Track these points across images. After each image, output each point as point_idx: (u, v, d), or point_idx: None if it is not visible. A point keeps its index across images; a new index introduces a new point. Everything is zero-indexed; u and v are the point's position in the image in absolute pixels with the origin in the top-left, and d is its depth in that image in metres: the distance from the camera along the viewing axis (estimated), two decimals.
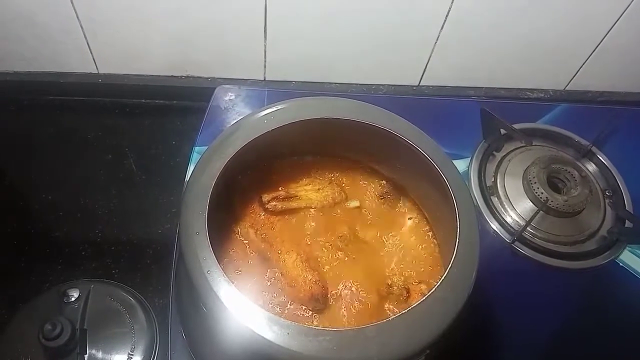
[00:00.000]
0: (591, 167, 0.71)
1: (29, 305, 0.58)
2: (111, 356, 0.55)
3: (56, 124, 0.78)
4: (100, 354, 0.55)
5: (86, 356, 0.54)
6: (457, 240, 0.41)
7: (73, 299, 0.58)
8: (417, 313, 0.37)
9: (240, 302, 0.35)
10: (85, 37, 0.72)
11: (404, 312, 0.37)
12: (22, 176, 0.73)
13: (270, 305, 0.45)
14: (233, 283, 0.36)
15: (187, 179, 0.44)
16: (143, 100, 0.79)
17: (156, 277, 0.63)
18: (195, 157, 0.62)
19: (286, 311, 0.45)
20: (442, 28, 0.71)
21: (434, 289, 0.38)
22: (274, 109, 0.46)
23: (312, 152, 0.53)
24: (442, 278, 0.38)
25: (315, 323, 0.44)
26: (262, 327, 0.34)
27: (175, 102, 0.79)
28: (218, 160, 0.42)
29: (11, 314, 0.57)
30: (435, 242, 0.50)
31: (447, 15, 0.70)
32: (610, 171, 0.70)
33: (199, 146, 0.64)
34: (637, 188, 0.68)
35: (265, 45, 0.74)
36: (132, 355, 0.56)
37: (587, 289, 0.61)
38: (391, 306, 0.46)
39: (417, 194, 0.52)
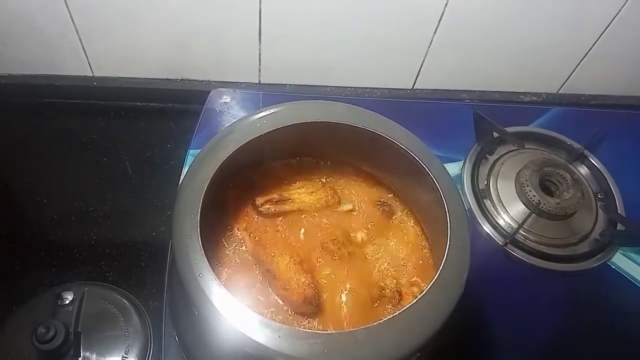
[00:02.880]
0: (583, 170, 0.71)
1: (23, 308, 0.58)
2: (105, 359, 0.55)
3: (51, 126, 0.78)
4: (94, 357, 0.55)
5: (80, 359, 0.54)
6: (448, 243, 0.41)
7: (67, 302, 0.58)
8: (407, 316, 0.37)
9: (231, 305, 0.35)
10: (81, 41, 0.72)
11: (394, 315, 0.37)
12: (17, 179, 0.73)
13: (263, 308, 0.45)
14: (225, 286, 0.37)
15: (181, 181, 0.44)
16: (138, 103, 0.79)
17: (150, 279, 0.63)
18: (189, 159, 0.62)
19: (279, 314, 0.45)
20: (435, 32, 0.72)
21: (424, 292, 0.38)
22: (268, 112, 0.46)
23: (305, 156, 0.53)
24: (433, 281, 0.39)
25: (307, 326, 0.44)
26: (253, 329, 0.34)
27: (170, 105, 0.79)
28: (211, 164, 0.42)
29: (5, 317, 0.57)
30: (428, 245, 0.51)
31: (440, 19, 0.70)
32: (603, 174, 0.70)
33: (194, 149, 0.64)
34: (629, 191, 0.69)
35: (260, 49, 0.74)
36: (126, 357, 0.56)
37: (579, 292, 0.62)
38: (384, 308, 0.46)
39: (410, 197, 0.52)
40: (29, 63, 0.75)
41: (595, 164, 0.71)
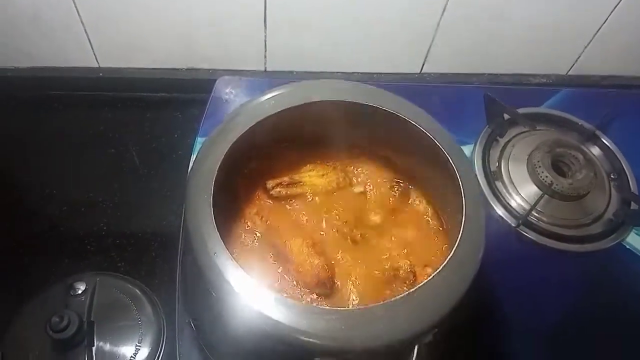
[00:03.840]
0: (595, 150, 0.70)
1: (36, 299, 0.58)
2: (119, 348, 0.55)
3: (58, 118, 0.78)
4: (107, 346, 0.55)
5: (94, 348, 0.54)
6: (463, 220, 0.41)
7: (79, 292, 0.58)
8: (424, 292, 0.37)
9: (247, 283, 0.35)
10: (86, 31, 0.72)
11: (411, 291, 0.36)
12: (26, 172, 0.73)
13: (277, 291, 0.44)
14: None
15: (192, 163, 0.44)
16: (144, 94, 0.79)
17: (161, 269, 0.63)
18: (198, 147, 0.62)
19: (293, 296, 0.44)
20: (442, 14, 0.71)
21: (440, 269, 0.38)
22: (277, 92, 0.46)
23: (315, 137, 0.52)
24: (449, 257, 0.38)
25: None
26: (270, 307, 0.34)
27: (176, 94, 0.79)
28: (222, 144, 0.42)
29: (18, 308, 0.57)
30: (442, 226, 0.50)
31: (447, 2, 0.69)
32: (615, 154, 0.69)
33: (202, 137, 0.64)
34: None
35: (265, 36, 0.74)
36: (140, 346, 0.56)
37: (593, 272, 0.61)
38: (398, 289, 0.46)
39: (422, 177, 0.52)
40: (34, 55, 0.75)
41: (608, 144, 0.70)
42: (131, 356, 0.55)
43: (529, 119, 0.69)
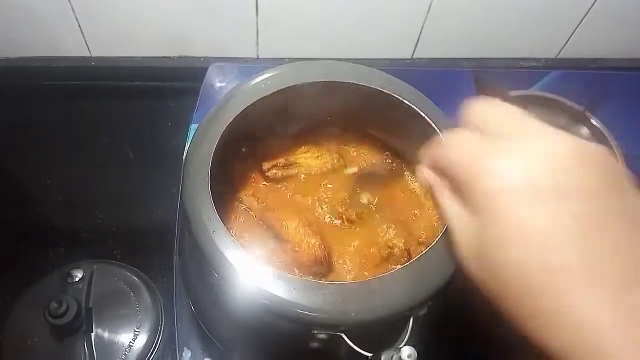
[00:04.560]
0: (585, 131, 0.71)
1: (34, 288, 0.59)
2: (117, 335, 0.56)
3: (51, 109, 0.78)
4: (106, 333, 0.56)
5: (93, 335, 0.55)
6: None
7: (77, 280, 0.58)
8: (418, 266, 0.37)
9: (244, 258, 0.36)
10: (77, 20, 0.71)
11: (406, 265, 0.37)
12: (20, 163, 0.73)
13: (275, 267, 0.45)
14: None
15: (189, 144, 0.44)
16: (137, 83, 0.79)
17: (158, 256, 0.63)
18: (192, 134, 0.62)
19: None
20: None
21: (435, 243, 0.38)
22: (271, 74, 0.46)
23: (310, 119, 0.53)
24: (442, 232, 0.39)
25: None
26: (268, 282, 0.35)
27: (169, 83, 0.79)
28: (218, 125, 0.42)
29: (16, 297, 0.57)
30: (434, 205, 0.51)
31: None
32: (605, 135, 0.70)
33: (195, 124, 0.64)
34: (632, 151, 0.69)
35: (257, 23, 0.73)
36: (138, 332, 0.56)
37: None
38: (393, 267, 0.47)
39: (416, 157, 0.52)
40: (25, 45, 0.75)
41: (597, 124, 0.71)
42: (130, 342, 0.55)
43: (519, 101, 0.70)
